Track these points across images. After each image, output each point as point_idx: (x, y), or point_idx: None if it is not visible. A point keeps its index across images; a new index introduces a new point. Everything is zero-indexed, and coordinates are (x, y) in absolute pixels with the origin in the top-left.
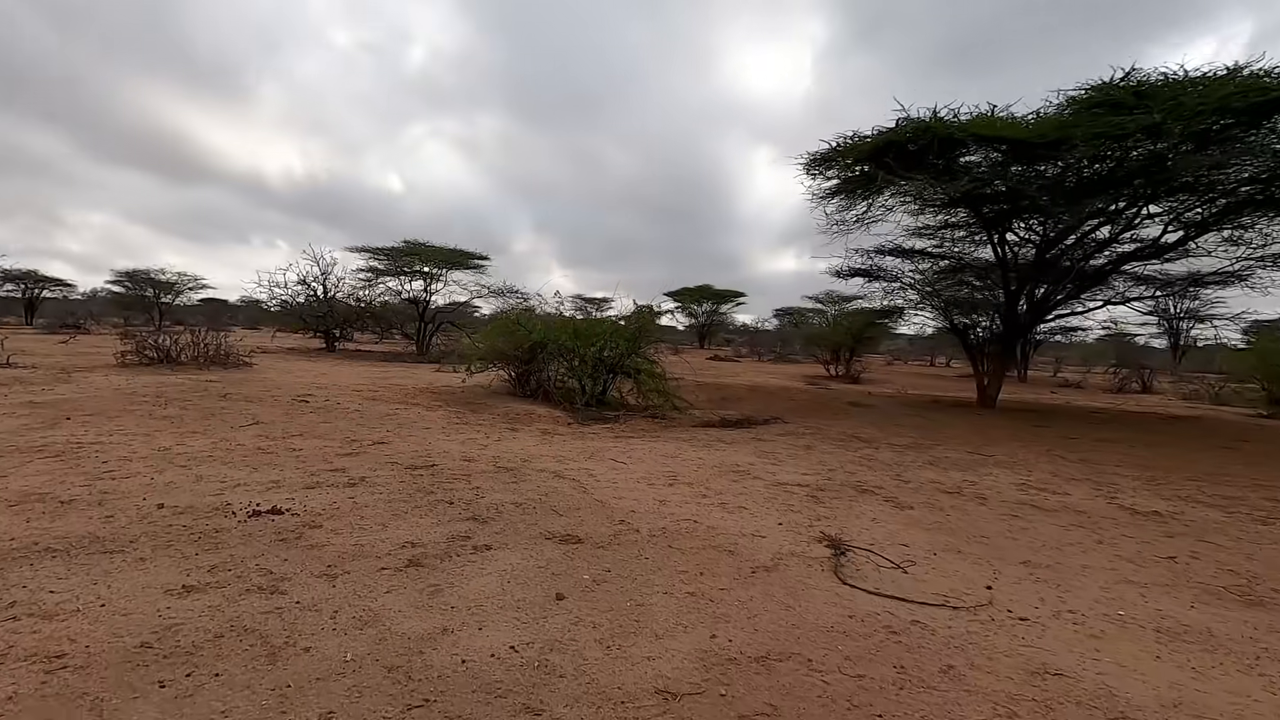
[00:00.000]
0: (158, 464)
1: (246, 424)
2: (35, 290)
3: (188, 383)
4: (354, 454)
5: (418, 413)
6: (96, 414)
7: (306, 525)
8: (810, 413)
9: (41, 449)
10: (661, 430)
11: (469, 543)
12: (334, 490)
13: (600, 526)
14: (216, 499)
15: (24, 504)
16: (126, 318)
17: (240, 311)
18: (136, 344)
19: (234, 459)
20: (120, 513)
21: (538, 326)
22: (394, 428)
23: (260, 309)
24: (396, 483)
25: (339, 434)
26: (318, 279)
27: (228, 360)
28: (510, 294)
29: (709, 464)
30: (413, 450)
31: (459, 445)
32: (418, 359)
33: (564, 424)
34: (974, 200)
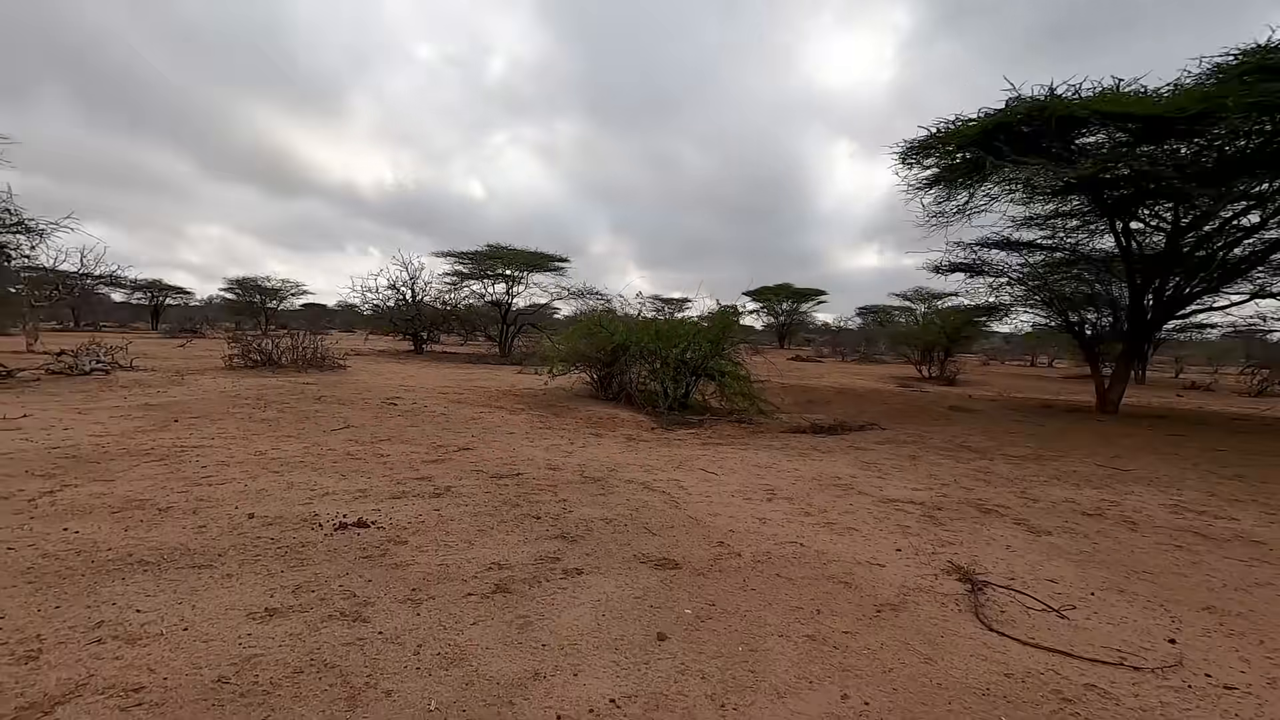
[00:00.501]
0: (252, 469)
1: (338, 427)
2: (160, 298)
3: (286, 385)
4: (439, 460)
5: (501, 416)
6: (201, 416)
7: (391, 540)
8: (907, 418)
9: (149, 452)
10: (750, 436)
11: (558, 565)
12: (419, 501)
13: (698, 549)
14: (305, 509)
15: (125, 511)
16: (237, 322)
17: (337, 315)
18: (243, 348)
19: (324, 465)
20: (213, 522)
21: (620, 328)
22: (478, 432)
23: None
24: (482, 493)
25: (425, 439)
26: (406, 284)
27: (323, 363)
28: (589, 295)
29: (807, 476)
30: (497, 457)
31: (543, 452)
32: (500, 361)
33: (648, 429)
34: (1094, 185)
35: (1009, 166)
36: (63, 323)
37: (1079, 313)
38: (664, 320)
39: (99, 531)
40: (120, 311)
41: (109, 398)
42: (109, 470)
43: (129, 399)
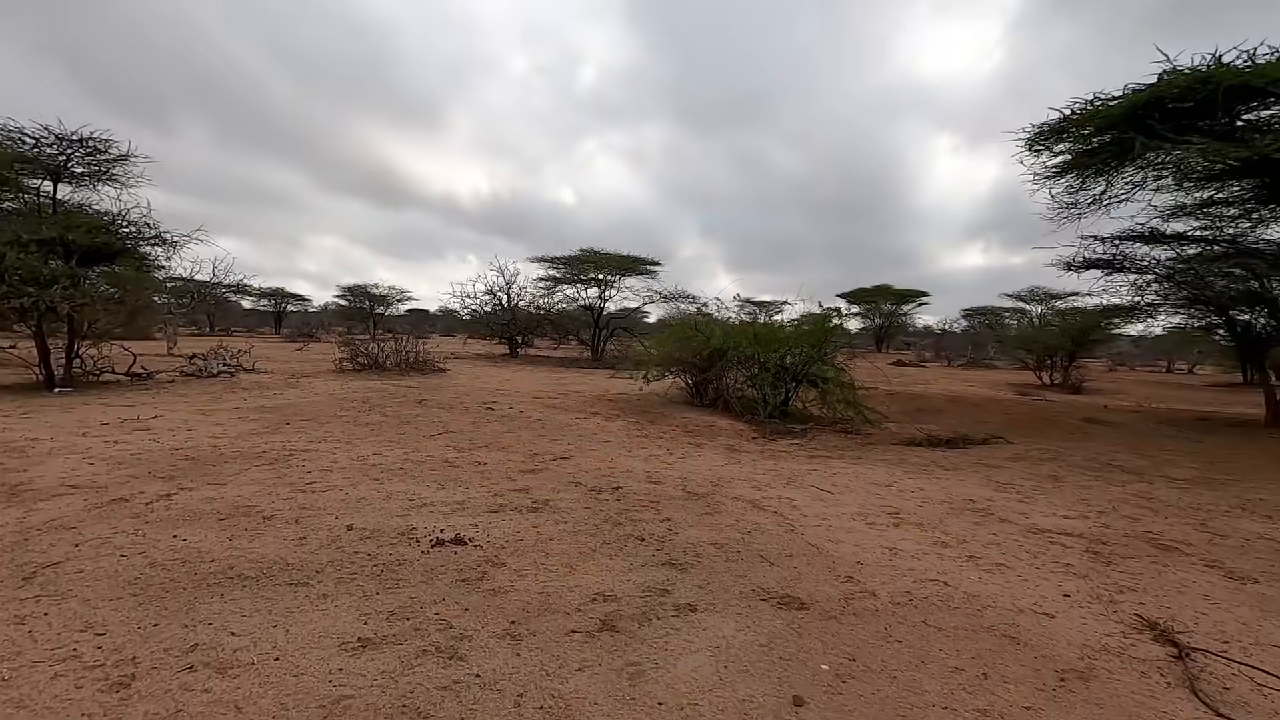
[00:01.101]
0: (354, 476)
1: (436, 433)
2: (282, 304)
3: (390, 388)
4: (537, 470)
5: (597, 423)
6: (311, 419)
7: (489, 562)
8: (1035, 430)
9: (260, 455)
10: (859, 449)
11: (669, 599)
12: (517, 516)
13: (824, 584)
14: (402, 521)
15: (232, 518)
16: (349, 326)
17: (438, 320)
18: (351, 352)
19: (423, 473)
20: (312, 533)
21: (716, 333)
22: (574, 440)
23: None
24: (581, 509)
25: (522, 446)
26: (503, 289)
27: (425, 367)
28: (680, 299)
29: (935, 497)
30: (595, 468)
31: (642, 463)
32: (593, 365)
33: (748, 438)
34: (1269, 166)
35: (1165, 148)
36: (199, 328)
37: (1240, 313)
38: (763, 324)
39: (205, 540)
40: (248, 317)
41: (231, 399)
42: (222, 473)
43: (248, 401)
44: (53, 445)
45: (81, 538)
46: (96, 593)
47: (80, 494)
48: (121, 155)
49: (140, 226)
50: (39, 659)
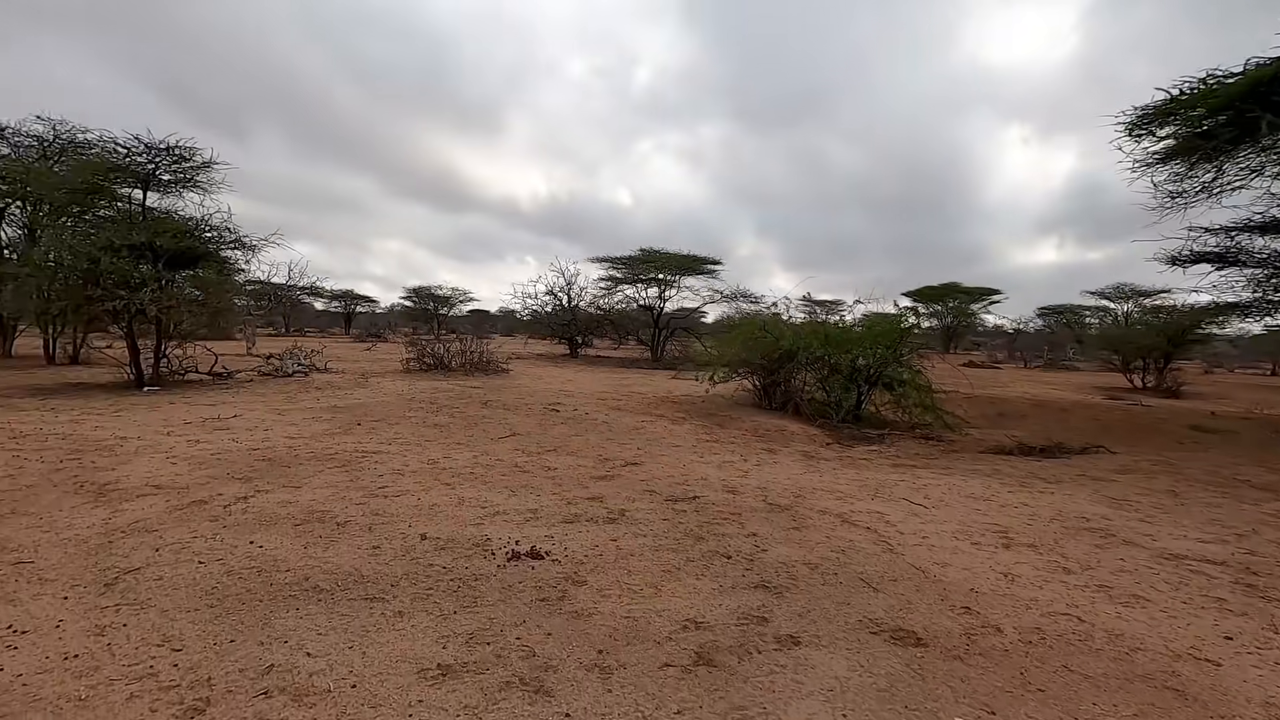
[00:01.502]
0: (425, 481)
1: (504, 435)
2: (351, 306)
3: (455, 389)
4: (608, 477)
5: (664, 426)
6: (381, 420)
7: (569, 579)
8: (1136, 439)
9: (333, 457)
10: (944, 457)
11: (768, 629)
12: (593, 527)
13: (940, 616)
14: (476, 530)
15: (307, 524)
16: (414, 327)
17: (499, 321)
18: (418, 353)
19: (493, 477)
20: (386, 542)
21: (786, 334)
22: (644, 444)
23: (514, 318)
24: (659, 520)
25: (591, 450)
26: (563, 289)
27: (489, 367)
28: (741, 298)
29: (1042, 514)
30: (668, 475)
31: (716, 470)
32: (653, 365)
33: (822, 444)
34: None
35: None
36: (276, 328)
37: None
38: (834, 325)
39: (280, 547)
40: (320, 318)
41: (304, 399)
42: (297, 475)
43: (320, 400)
44: (139, 444)
45: (162, 542)
46: (174, 602)
47: (163, 495)
48: (204, 163)
49: (221, 231)
50: (116, 676)
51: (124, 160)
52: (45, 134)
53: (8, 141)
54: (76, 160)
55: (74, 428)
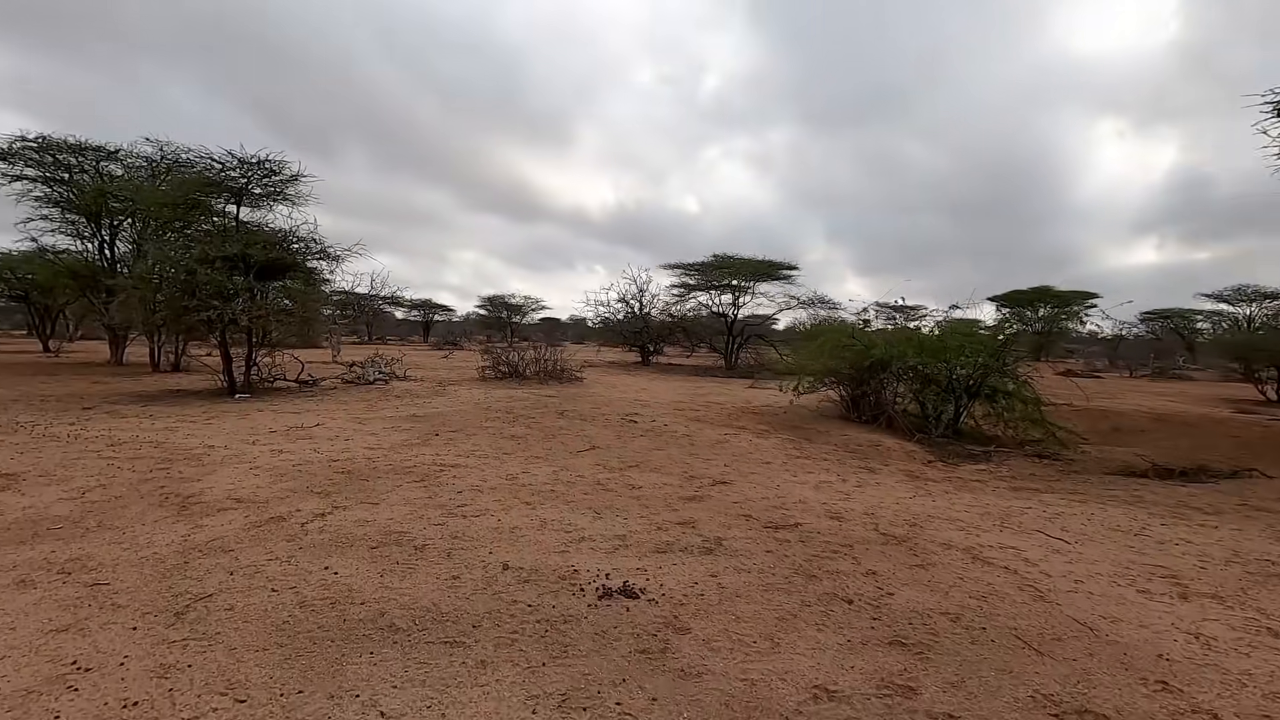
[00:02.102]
0: (505, 499)
1: (583, 449)
2: (429, 315)
3: (531, 398)
4: (697, 498)
5: (749, 440)
6: (459, 431)
7: (670, 625)
8: None
9: (411, 469)
10: (1067, 479)
11: (918, 705)
12: (689, 559)
13: (1131, 693)
14: (561, 560)
15: (383, 547)
16: (488, 335)
17: (569, 328)
18: (493, 361)
19: (575, 495)
20: (466, 571)
21: (878, 342)
22: (730, 460)
23: (584, 325)
24: (761, 552)
25: (675, 466)
26: (635, 296)
27: (563, 375)
28: (819, 304)
29: (1214, 554)
30: (762, 496)
31: (814, 491)
32: (727, 374)
33: (924, 461)
34: None
35: None
36: (359, 337)
37: None
38: (928, 332)
39: (356, 574)
40: (400, 327)
41: (384, 407)
42: (375, 490)
43: (399, 409)
44: (225, 453)
45: (237, 564)
46: (244, 639)
47: (242, 509)
48: (293, 175)
49: (308, 241)
50: None
51: (220, 175)
52: (153, 154)
53: (121, 163)
54: (178, 178)
55: (167, 435)
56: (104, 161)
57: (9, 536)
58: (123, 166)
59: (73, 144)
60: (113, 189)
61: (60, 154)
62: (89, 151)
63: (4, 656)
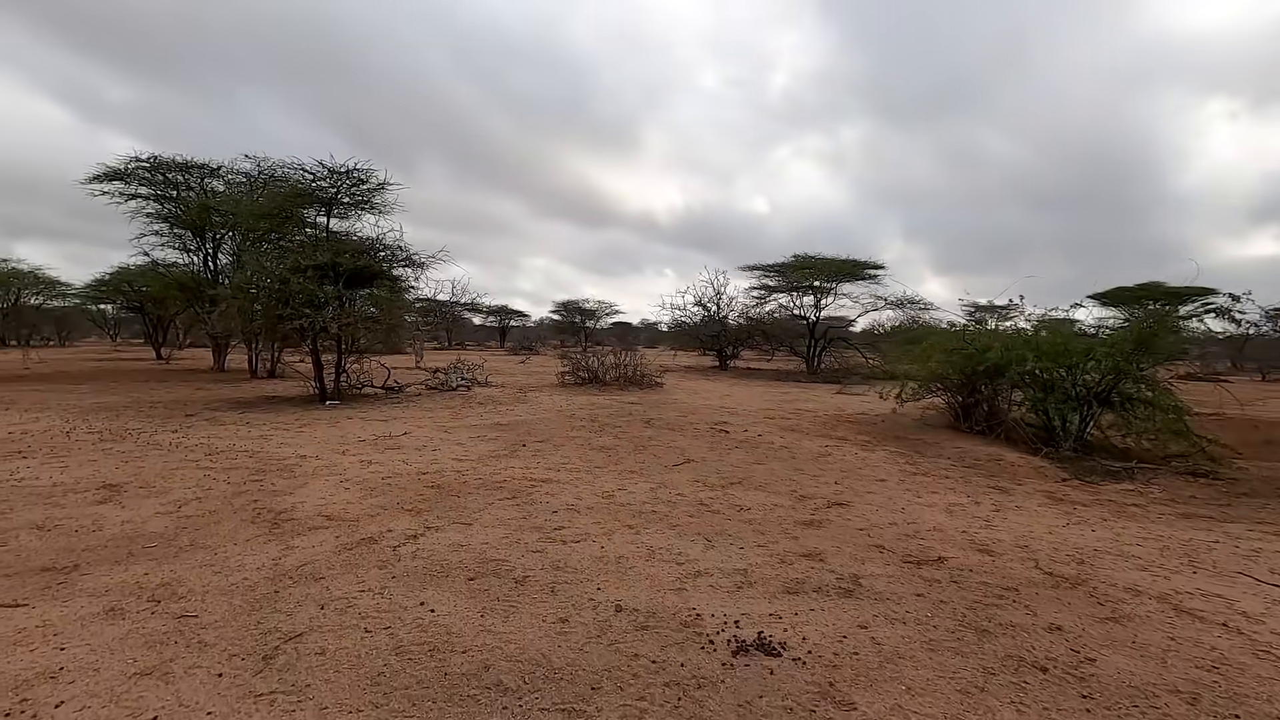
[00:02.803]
0: (603, 520)
1: (678, 462)
2: (505, 320)
3: (613, 405)
4: (816, 523)
5: (854, 453)
6: (545, 440)
7: (826, 696)
8: None
9: (502, 484)
10: (1239, 502)
11: None
12: (827, 603)
13: None
14: (679, 601)
15: (482, 578)
16: (562, 339)
17: (640, 333)
18: (573, 366)
19: (679, 517)
20: (575, 612)
21: (995, 345)
22: (840, 477)
23: (656, 330)
24: (910, 595)
25: (781, 483)
26: (712, 299)
27: (643, 381)
28: (910, 304)
29: None
30: (889, 521)
31: (945, 516)
32: (810, 378)
33: (1057, 479)
34: None
35: None
36: (439, 343)
37: None
38: (1048, 335)
39: (454, 612)
40: (478, 332)
41: (469, 415)
42: (467, 508)
43: (483, 417)
44: (316, 464)
45: (328, 595)
46: (335, 695)
47: (333, 528)
48: (380, 184)
49: (394, 249)
50: None
51: (311, 185)
52: (252, 170)
53: (223, 179)
54: (273, 190)
55: (261, 444)
56: (208, 178)
57: (106, 555)
58: (224, 183)
59: (180, 162)
60: (214, 204)
61: (169, 172)
62: (194, 169)
63: (84, 707)
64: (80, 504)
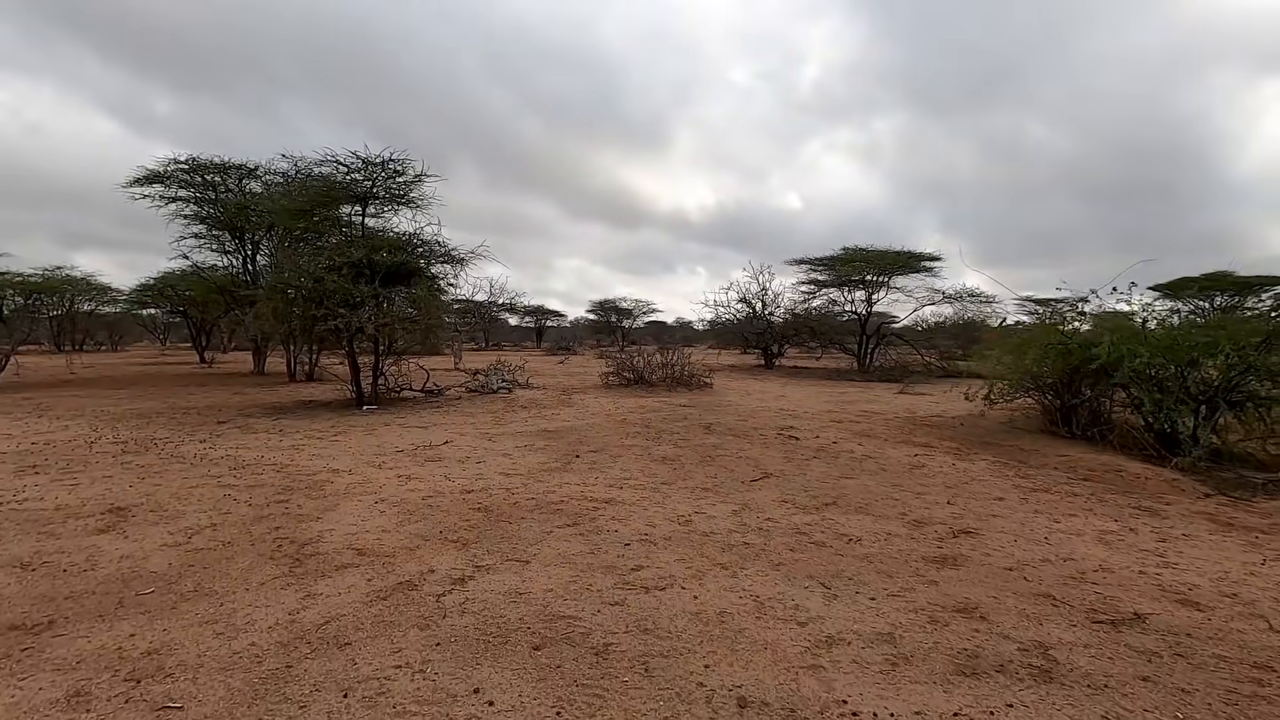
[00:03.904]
0: (689, 556)
1: (755, 476)
2: (542, 321)
3: (665, 408)
4: (949, 560)
5: (949, 463)
6: (599, 450)
7: None
8: None
9: (559, 506)
10: None
11: None
12: (1025, 693)
13: None
14: (818, 685)
15: (548, 647)
16: (599, 339)
17: (676, 331)
18: (617, 367)
19: (779, 552)
20: (684, 707)
21: (1103, 341)
22: (947, 493)
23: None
24: (1133, 680)
25: (882, 503)
26: (757, 295)
27: (691, 382)
28: (970, 298)
29: None
30: (1039, 557)
31: (1102, 548)
32: (864, 377)
33: (1200, 495)
34: None
35: None
36: (477, 343)
37: None
38: (1164, 328)
39: (521, 706)
40: (514, 333)
41: (512, 420)
42: (521, 538)
43: (529, 423)
44: (349, 480)
45: (354, 674)
46: None
47: (364, 567)
48: (417, 176)
49: (432, 245)
50: None
51: (346, 179)
52: (288, 169)
53: (260, 180)
54: (307, 187)
55: (292, 455)
56: (245, 179)
57: (91, 605)
58: (262, 184)
59: (217, 164)
60: (251, 203)
61: (207, 174)
62: (232, 170)
63: None
64: (79, 533)
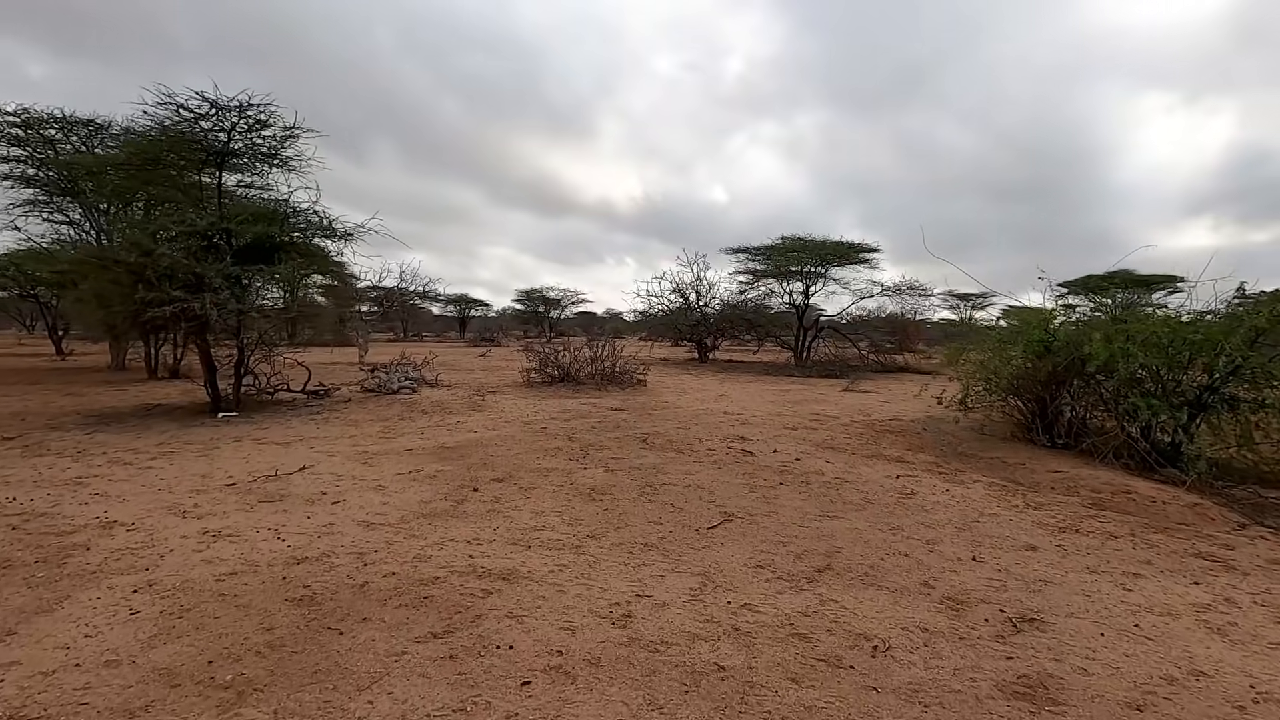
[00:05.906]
0: (631, 710)
1: (713, 522)
2: (465, 310)
3: (592, 411)
4: (1033, 687)
5: (941, 489)
6: (507, 478)
7: None
8: None
9: (429, 593)
10: None
11: None
12: None
13: None
14: None
15: None
16: (525, 330)
17: (606, 322)
18: (540, 362)
19: (780, 688)
20: None
21: (1095, 339)
22: (963, 540)
23: (621, 320)
24: None
25: (892, 564)
26: (691, 285)
27: (623, 379)
28: (909, 291)
29: None
30: (1159, 675)
31: (1223, 643)
32: (803, 372)
33: (1234, 525)
34: None
35: None
36: (395, 333)
37: None
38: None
39: None
40: (436, 323)
41: (405, 431)
42: (345, 676)
43: (425, 435)
44: (121, 542)
45: None
46: None
47: None
48: (288, 129)
49: (308, 215)
50: None
51: (191, 128)
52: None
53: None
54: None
55: (61, 495)
56: (94, 136)
57: None
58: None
59: (58, 118)
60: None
61: (44, 128)
62: (77, 125)
63: None
64: None
